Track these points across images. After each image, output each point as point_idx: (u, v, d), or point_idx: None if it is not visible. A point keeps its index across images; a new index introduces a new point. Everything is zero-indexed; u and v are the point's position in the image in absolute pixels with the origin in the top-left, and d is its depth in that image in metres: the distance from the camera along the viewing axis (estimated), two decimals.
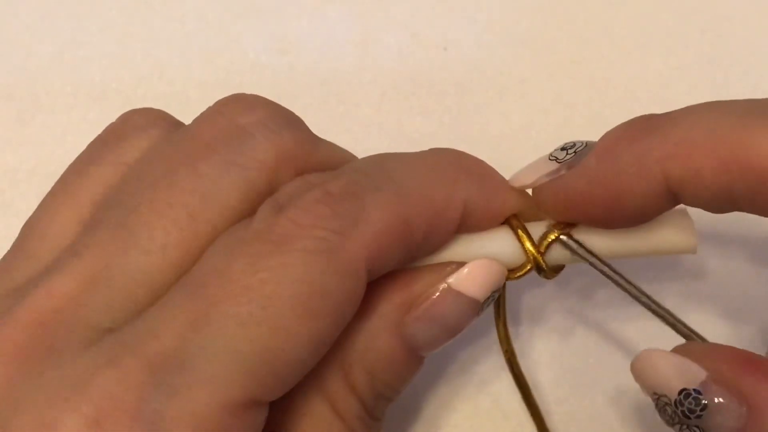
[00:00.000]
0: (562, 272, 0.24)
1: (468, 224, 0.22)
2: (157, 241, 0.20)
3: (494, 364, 0.28)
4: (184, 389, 0.18)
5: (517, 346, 0.26)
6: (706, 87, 0.32)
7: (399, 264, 0.22)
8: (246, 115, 0.22)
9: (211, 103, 0.33)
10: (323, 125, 0.24)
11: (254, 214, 0.21)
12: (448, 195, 0.22)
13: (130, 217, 0.20)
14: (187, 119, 0.25)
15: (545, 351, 0.29)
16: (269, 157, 0.22)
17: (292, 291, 0.19)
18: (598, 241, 0.23)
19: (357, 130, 0.32)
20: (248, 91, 0.33)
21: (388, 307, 0.22)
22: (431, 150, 0.23)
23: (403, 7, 0.34)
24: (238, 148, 0.22)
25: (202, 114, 0.23)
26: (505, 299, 0.25)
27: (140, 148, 0.23)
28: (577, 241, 0.23)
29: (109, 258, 0.20)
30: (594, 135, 0.32)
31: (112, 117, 0.33)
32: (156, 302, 0.20)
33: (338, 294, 0.19)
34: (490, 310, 0.24)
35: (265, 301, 0.19)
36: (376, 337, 0.22)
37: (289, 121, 0.23)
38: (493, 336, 0.26)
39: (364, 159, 0.23)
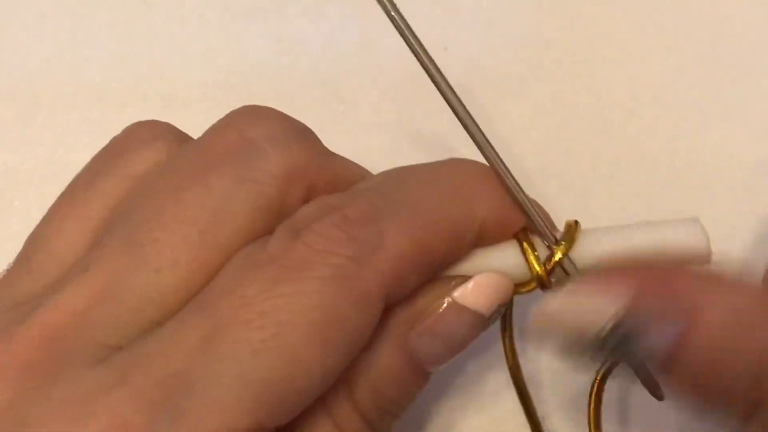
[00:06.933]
0: None
1: (479, 240, 0.22)
2: (167, 258, 0.20)
3: (498, 382, 0.28)
4: (192, 413, 0.18)
5: (522, 362, 0.26)
6: (706, 87, 0.32)
7: (416, 286, 0.21)
8: (256, 128, 0.22)
9: (211, 104, 0.33)
10: (323, 125, 0.24)
11: (268, 233, 0.20)
12: (466, 216, 0.21)
13: (140, 233, 0.20)
14: (187, 119, 0.25)
15: (550, 369, 0.28)
16: (281, 172, 0.21)
17: (306, 319, 0.19)
18: (607, 249, 0.22)
19: (357, 130, 0.32)
20: (248, 92, 0.33)
21: (393, 322, 0.21)
22: (447, 163, 0.23)
23: (403, 7, 0.34)
24: (248, 162, 0.21)
25: (212, 126, 0.23)
26: (512, 313, 0.24)
27: (147, 160, 0.22)
28: (574, 266, 0.22)
29: (118, 274, 0.20)
30: (594, 135, 0.32)
31: (112, 117, 0.33)
32: (167, 321, 0.19)
33: (353, 323, 0.19)
34: (495, 325, 0.23)
35: (278, 328, 0.18)
36: (381, 353, 0.21)
37: (300, 134, 0.22)
38: (496, 352, 0.25)
39: (381, 176, 0.23)
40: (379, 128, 0.32)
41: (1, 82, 0.34)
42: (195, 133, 0.24)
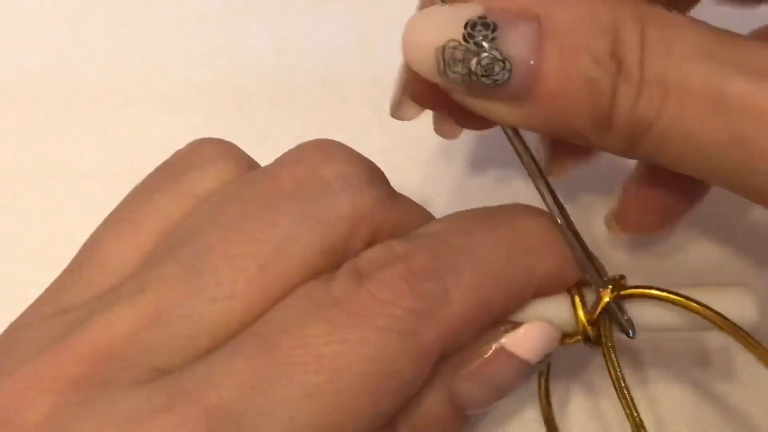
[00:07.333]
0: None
1: (535, 293, 0.22)
2: (225, 290, 0.19)
3: (526, 425, 0.27)
4: None
5: (555, 405, 0.25)
6: None
7: (472, 339, 0.21)
8: (328, 166, 0.21)
9: (211, 104, 0.33)
10: (323, 125, 0.24)
11: (329, 273, 0.20)
12: (528, 274, 0.21)
13: (199, 260, 0.20)
14: (187, 119, 0.25)
15: (581, 410, 0.27)
16: (349, 214, 0.21)
17: (362, 368, 0.18)
18: (652, 312, 0.22)
19: (357, 130, 0.32)
20: (248, 92, 0.33)
21: (439, 363, 0.21)
22: (512, 213, 0.22)
23: (403, 7, 0.34)
24: (317, 201, 0.21)
25: (281, 157, 0.22)
26: (549, 366, 0.24)
27: (210, 180, 0.22)
28: (622, 313, 0.22)
29: (174, 299, 0.19)
30: None
31: (112, 117, 0.33)
32: (217, 349, 0.19)
33: (407, 376, 0.19)
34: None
35: (334, 374, 0.18)
36: (424, 394, 0.21)
37: (371, 176, 0.22)
38: (527, 390, 0.25)
39: (446, 222, 0.22)
40: (379, 128, 0.32)
41: (1, 82, 0.34)
42: (196, 133, 0.24)
